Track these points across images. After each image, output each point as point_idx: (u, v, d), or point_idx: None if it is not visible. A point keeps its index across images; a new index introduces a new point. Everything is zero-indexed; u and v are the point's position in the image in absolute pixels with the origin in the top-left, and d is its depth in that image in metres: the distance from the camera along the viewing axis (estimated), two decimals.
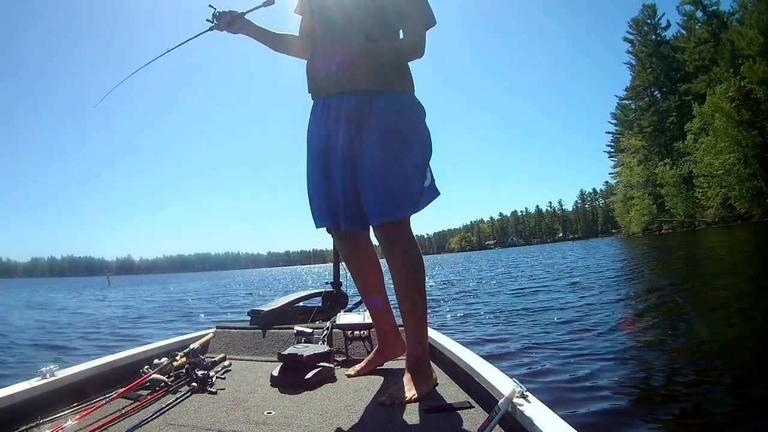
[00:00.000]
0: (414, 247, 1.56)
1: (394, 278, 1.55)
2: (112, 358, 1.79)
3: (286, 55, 1.75)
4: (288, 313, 2.51)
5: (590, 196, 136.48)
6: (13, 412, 1.31)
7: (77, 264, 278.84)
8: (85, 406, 1.42)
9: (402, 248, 1.53)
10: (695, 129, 34.80)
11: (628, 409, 2.21)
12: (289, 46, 1.73)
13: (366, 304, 1.87)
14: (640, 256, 15.41)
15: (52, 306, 13.41)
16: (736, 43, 31.95)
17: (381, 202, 1.46)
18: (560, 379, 2.74)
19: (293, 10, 1.70)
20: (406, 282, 1.53)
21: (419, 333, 1.55)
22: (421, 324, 1.55)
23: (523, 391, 1.09)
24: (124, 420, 1.29)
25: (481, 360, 1.51)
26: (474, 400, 1.36)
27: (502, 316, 5.52)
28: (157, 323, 7.64)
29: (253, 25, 1.67)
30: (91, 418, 1.29)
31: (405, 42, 1.53)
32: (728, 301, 4.90)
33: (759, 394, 2.25)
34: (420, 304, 1.56)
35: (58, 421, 1.29)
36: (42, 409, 1.35)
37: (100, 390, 1.55)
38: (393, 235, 1.52)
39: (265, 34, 1.70)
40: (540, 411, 1.02)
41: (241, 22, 1.64)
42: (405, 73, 1.59)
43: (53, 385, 1.46)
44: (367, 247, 1.73)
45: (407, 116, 1.54)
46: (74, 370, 1.58)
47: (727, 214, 33.15)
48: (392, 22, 1.54)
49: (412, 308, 1.55)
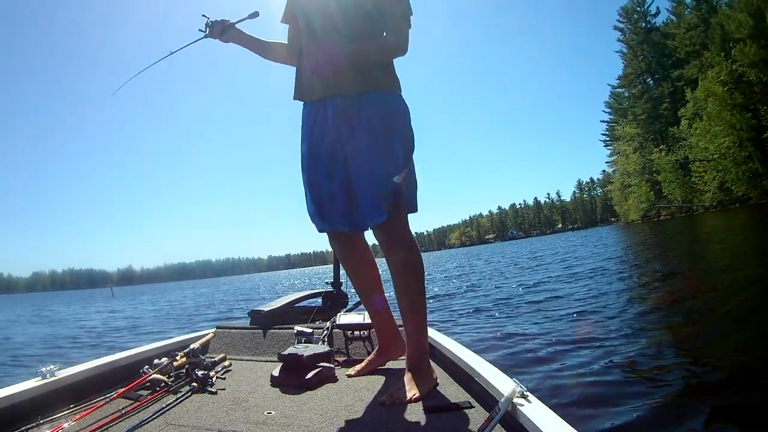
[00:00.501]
0: (413, 247, 1.56)
1: (394, 278, 1.55)
2: (112, 358, 1.79)
3: (275, 62, 1.79)
4: (288, 313, 2.51)
5: (588, 185, 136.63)
6: (13, 412, 1.31)
7: (78, 276, 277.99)
8: (85, 406, 1.42)
9: (401, 248, 1.53)
10: (689, 114, 34.89)
11: (629, 409, 2.19)
12: (277, 53, 1.76)
13: (365, 306, 1.87)
14: (638, 244, 15.39)
15: (63, 321, 13.16)
16: (726, 27, 31.91)
17: (376, 203, 1.47)
18: (560, 379, 2.73)
19: (280, 20, 1.73)
20: (406, 282, 1.54)
21: (419, 333, 1.55)
22: (421, 324, 1.56)
23: (523, 391, 1.09)
24: (124, 420, 1.29)
25: (481, 360, 1.52)
26: (474, 400, 1.36)
27: (503, 314, 5.51)
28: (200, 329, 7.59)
29: (243, 34, 1.71)
30: (91, 418, 1.30)
31: (388, 40, 1.54)
32: (731, 287, 4.84)
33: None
34: (419, 304, 1.57)
35: (58, 422, 1.29)
36: (42, 409, 1.35)
37: (100, 390, 1.55)
38: (392, 235, 1.53)
39: (255, 42, 1.74)
40: (540, 411, 1.02)
41: (232, 32, 1.68)
42: (391, 73, 1.59)
43: (53, 385, 1.46)
44: (363, 248, 1.74)
45: (396, 116, 1.55)
46: (74, 370, 1.58)
47: (725, 198, 33.21)
48: (376, 22, 1.54)
49: (412, 308, 1.55)
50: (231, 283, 44.30)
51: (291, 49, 1.72)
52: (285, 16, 1.72)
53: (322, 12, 1.55)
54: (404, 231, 1.55)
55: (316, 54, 1.37)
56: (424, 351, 1.57)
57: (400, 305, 1.57)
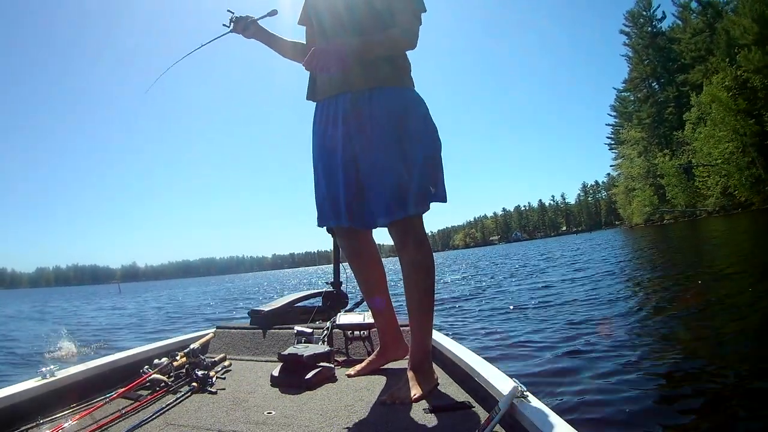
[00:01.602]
0: (425, 246, 1.56)
1: (405, 277, 1.55)
2: (112, 358, 1.79)
3: (294, 61, 1.79)
4: (288, 313, 2.52)
5: (593, 188, 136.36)
6: (13, 412, 1.31)
7: (82, 273, 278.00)
8: (85, 406, 1.42)
9: (413, 247, 1.53)
10: (693, 119, 34.90)
11: (628, 409, 2.19)
12: (296, 52, 1.77)
13: (369, 304, 1.84)
14: (642, 248, 15.23)
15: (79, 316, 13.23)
16: (732, 32, 31.90)
17: (388, 201, 1.46)
18: (560, 379, 2.74)
19: (297, 22, 1.77)
20: (416, 281, 1.54)
21: (424, 332, 1.56)
22: (427, 324, 1.56)
23: (523, 391, 1.09)
24: (124, 420, 1.30)
25: (481, 360, 1.52)
26: (474, 400, 1.36)
27: (503, 314, 5.52)
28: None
29: (264, 31, 1.74)
30: (91, 418, 1.30)
31: (394, 32, 1.51)
32: (734, 292, 4.83)
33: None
34: (427, 304, 1.56)
35: (58, 421, 1.29)
36: (42, 409, 1.35)
37: (100, 390, 1.55)
38: (405, 233, 1.53)
39: (275, 40, 1.77)
40: (540, 411, 1.02)
41: (255, 28, 1.71)
42: (402, 68, 1.59)
43: (53, 385, 1.46)
44: (370, 246, 1.73)
45: (408, 112, 1.53)
46: (74, 370, 1.58)
47: (728, 203, 33.16)
48: (386, 22, 1.53)
49: (419, 308, 1.55)
50: (234, 282, 44.39)
51: (308, 50, 1.67)
52: (301, 18, 1.75)
53: (332, 12, 1.57)
54: (418, 229, 1.55)
55: (320, 50, 1.38)
56: (428, 351, 1.57)
57: (408, 303, 1.57)
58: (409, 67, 1.62)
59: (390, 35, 1.51)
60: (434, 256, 1.58)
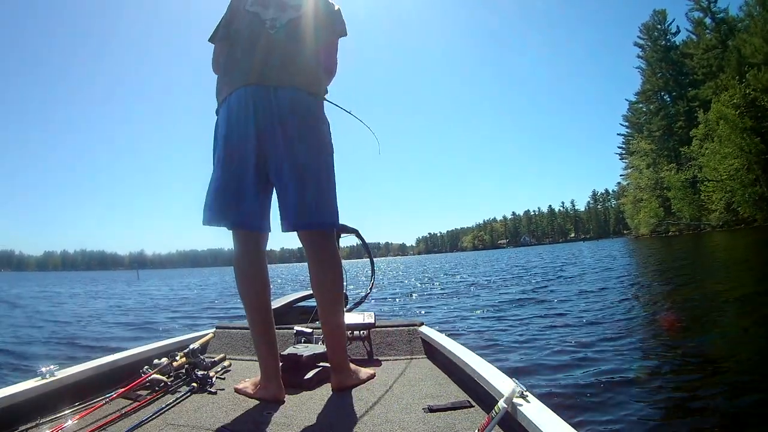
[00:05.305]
0: (337, 257, 1.57)
1: (317, 286, 1.55)
2: (112, 358, 1.77)
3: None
4: (288, 313, 2.55)
5: (602, 196, 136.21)
6: (13, 412, 1.30)
7: (90, 258, 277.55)
8: (85, 406, 1.41)
9: (329, 258, 1.54)
10: (700, 135, 35.23)
11: (627, 409, 2.23)
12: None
13: (262, 334, 1.54)
14: (644, 260, 15.31)
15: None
16: (743, 50, 32.28)
17: (306, 209, 1.46)
18: (560, 379, 2.79)
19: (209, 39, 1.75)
20: (330, 290, 1.55)
21: (342, 330, 1.60)
22: (342, 321, 1.60)
23: (523, 391, 1.08)
24: (124, 420, 1.29)
25: (481, 360, 1.52)
26: (474, 400, 1.36)
27: (504, 315, 5.66)
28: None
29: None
30: (91, 418, 1.28)
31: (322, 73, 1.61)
32: (731, 301, 5.00)
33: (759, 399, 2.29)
34: (339, 310, 1.59)
35: (58, 421, 1.28)
36: (42, 409, 1.33)
37: (100, 390, 1.54)
38: (321, 243, 1.53)
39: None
40: (540, 411, 1.01)
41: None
42: (316, 75, 1.58)
43: (53, 385, 1.44)
44: (263, 252, 1.60)
45: (315, 118, 1.53)
46: (74, 370, 1.57)
47: (731, 218, 33.49)
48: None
49: (333, 315, 1.56)
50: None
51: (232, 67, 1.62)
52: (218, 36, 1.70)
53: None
54: (332, 241, 1.59)
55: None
56: (344, 351, 1.62)
57: (322, 312, 1.57)
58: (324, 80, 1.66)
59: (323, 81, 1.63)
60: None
